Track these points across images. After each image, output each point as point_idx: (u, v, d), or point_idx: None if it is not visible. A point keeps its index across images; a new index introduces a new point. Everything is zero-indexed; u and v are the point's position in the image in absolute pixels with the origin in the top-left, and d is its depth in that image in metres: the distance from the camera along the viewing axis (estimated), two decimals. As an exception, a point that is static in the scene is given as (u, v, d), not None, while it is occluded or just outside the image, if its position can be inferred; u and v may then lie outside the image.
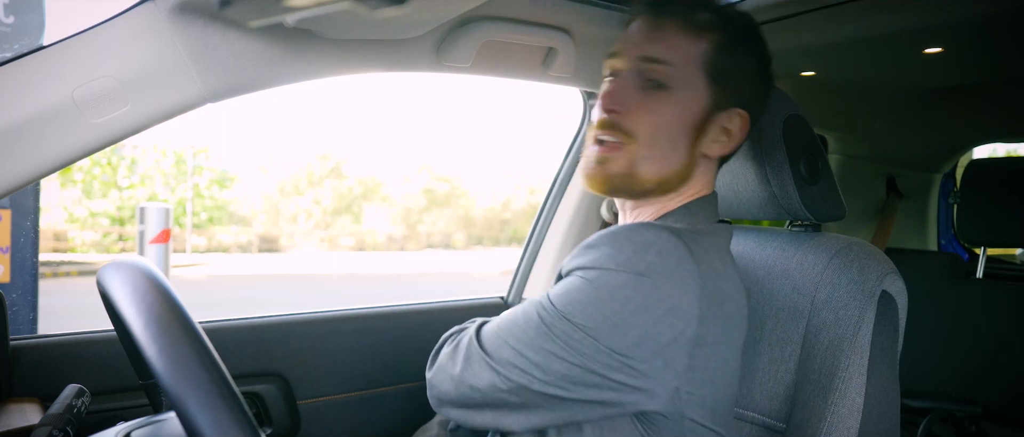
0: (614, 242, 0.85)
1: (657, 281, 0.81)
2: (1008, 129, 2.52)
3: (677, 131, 0.94)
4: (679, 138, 0.94)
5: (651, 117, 0.92)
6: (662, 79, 0.92)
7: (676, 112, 0.93)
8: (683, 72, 0.93)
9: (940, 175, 2.77)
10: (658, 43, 0.93)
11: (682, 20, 0.94)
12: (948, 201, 2.78)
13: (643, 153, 0.92)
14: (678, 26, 0.94)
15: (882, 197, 2.64)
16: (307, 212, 20.35)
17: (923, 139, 2.50)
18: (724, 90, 0.95)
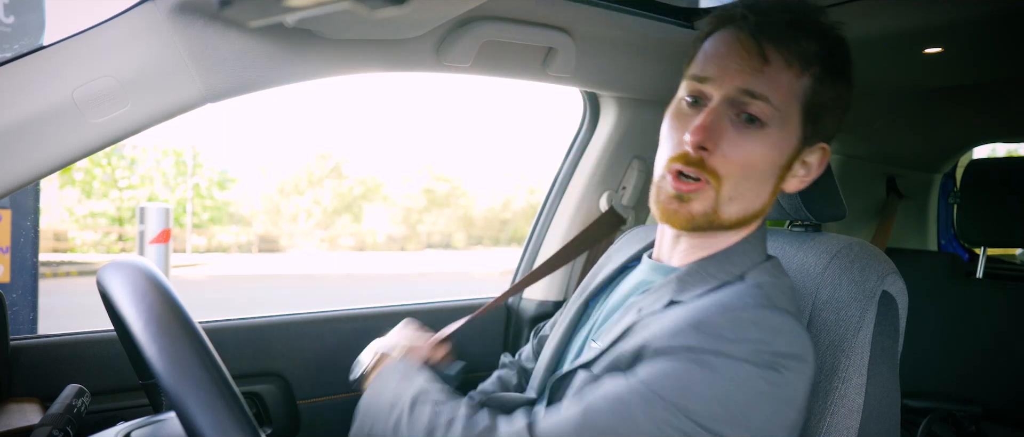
0: (737, 325, 0.77)
1: (786, 376, 0.76)
2: (1008, 129, 2.52)
3: (767, 172, 0.87)
4: (767, 179, 0.87)
5: (744, 157, 0.84)
6: (760, 116, 0.83)
7: (769, 153, 0.85)
8: (783, 110, 0.84)
9: (940, 175, 2.77)
10: (761, 76, 0.82)
11: (790, 50, 0.83)
12: (948, 201, 2.78)
13: (729, 194, 0.85)
14: (785, 57, 0.83)
15: (882, 197, 2.64)
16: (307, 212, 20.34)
17: (923, 139, 2.50)
18: (815, 126, 0.88)
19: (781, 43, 0.83)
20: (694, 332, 0.77)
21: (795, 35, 0.83)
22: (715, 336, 0.76)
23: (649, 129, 1.72)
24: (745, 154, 0.83)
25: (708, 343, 0.76)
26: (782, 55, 0.82)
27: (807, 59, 0.83)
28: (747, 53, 0.83)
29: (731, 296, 0.83)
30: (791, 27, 0.83)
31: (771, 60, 0.82)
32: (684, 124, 0.85)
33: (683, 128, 0.85)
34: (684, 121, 0.86)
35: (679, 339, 0.77)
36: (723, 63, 0.84)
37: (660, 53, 1.47)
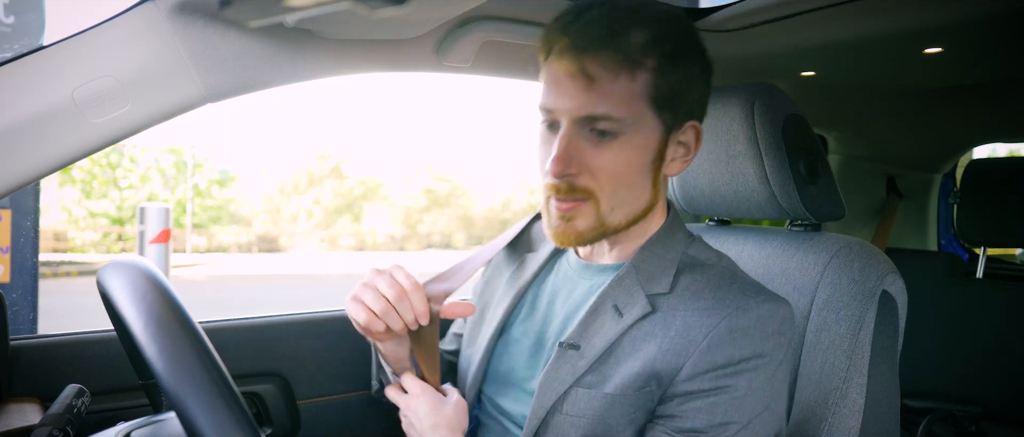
0: (763, 327, 0.85)
1: (791, 356, 0.92)
2: (1008, 129, 2.52)
3: (637, 172, 0.88)
4: (641, 177, 0.89)
5: (608, 169, 0.86)
6: (608, 130, 0.84)
7: (632, 157, 0.86)
8: (630, 115, 0.84)
9: (940, 175, 2.76)
10: (593, 94, 0.83)
11: (613, 58, 0.82)
12: (948, 201, 2.78)
13: (608, 205, 0.88)
14: (609, 67, 0.82)
15: (882, 197, 2.64)
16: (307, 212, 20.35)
17: (923, 139, 2.50)
18: (673, 112, 0.88)
19: (601, 55, 0.82)
20: (736, 341, 0.83)
21: (613, 40, 0.82)
22: (749, 343, 0.83)
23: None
24: (609, 166, 0.85)
25: (747, 350, 0.83)
26: (605, 67, 0.82)
27: (634, 59, 0.83)
28: (573, 76, 0.83)
29: (732, 297, 0.86)
30: (609, 33, 0.82)
31: (596, 77, 0.82)
32: (547, 150, 0.88)
33: (547, 151, 0.88)
34: (546, 147, 0.88)
35: (717, 356, 0.83)
36: (558, 92, 0.85)
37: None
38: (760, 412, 0.84)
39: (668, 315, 0.87)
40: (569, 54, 0.83)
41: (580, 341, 0.90)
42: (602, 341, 0.88)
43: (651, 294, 0.90)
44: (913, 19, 1.31)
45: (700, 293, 0.88)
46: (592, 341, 0.89)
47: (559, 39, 0.85)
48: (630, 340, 0.88)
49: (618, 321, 0.89)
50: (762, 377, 0.84)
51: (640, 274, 0.92)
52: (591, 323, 0.91)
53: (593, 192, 0.86)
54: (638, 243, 0.95)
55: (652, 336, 0.86)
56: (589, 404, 0.87)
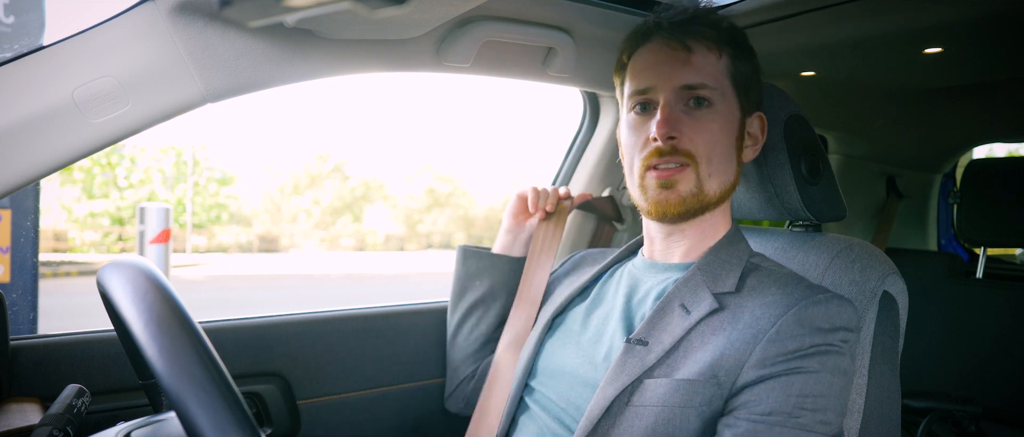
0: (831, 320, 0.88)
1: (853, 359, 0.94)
2: (1008, 129, 2.52)
3: (728, 144, 0.98)
4: (730, 150, 0.99)
5: (706, 135, 0.95)
6: (706, 96, 0.96)
7: (724, 126, 0.97)
8: (720, 87, 0.97)
9: (940, 175, 2.76)
10: (691, 66, 0.96)
11: (706, 37, 0.97)
12: (948, 201, 2.78)
13: (706, 171, 0.96)
14: (704, 44, 0.97)
15: (882, 197, 2.64)
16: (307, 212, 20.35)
17: (923, 139, 2.50)
18: (747, 97, 1.01)
19: (696, 35, 0.97)
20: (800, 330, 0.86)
21: (703, 28, 0.97)
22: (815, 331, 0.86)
23: (649, 129, 1.72)
24: (706, 133, 0.95)
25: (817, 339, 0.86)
26: (701, 43, 0.97)
27: (719, 43, 0.98)
28: (673, 52, 0.97)
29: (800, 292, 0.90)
30: (697, 22, 0.98)
31: (694, 49, 0.96)
32: (643, 129, 0.98)
33: (644, 132, 0.98)
34: (642, 127, 0.98)
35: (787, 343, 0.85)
36: (658, 70, 0.97)
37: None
38: (834, 394, 0.85)
39: (736, 311, 0.91)
40: (666, 34, 0.98)
41: (648, 337, 0.93)
42: (670, 337, 0.91)
43: (718, 293, 0.94)
44: (913, 19, 1.31)
45: (767, 290, 0.92)
46: (660, 337, 0.92)
47: (652, 28, 0.99)
48: (698, 335, 0.91)
49: (685, 318, 0.92)
50: (832, 362, 0.86)
51: (706, 275, 0.96)
52: (658, 321, 0.94)
53: (694, 155, 0.95)
54: (706, 245, 1.02)
55: (720, 330, 0.90)
56: (656, 393, 0.88)
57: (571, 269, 1.25)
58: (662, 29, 0.98)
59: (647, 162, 0.96)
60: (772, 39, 1.42)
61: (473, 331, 1.32)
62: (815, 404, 0.83)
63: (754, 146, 1.04)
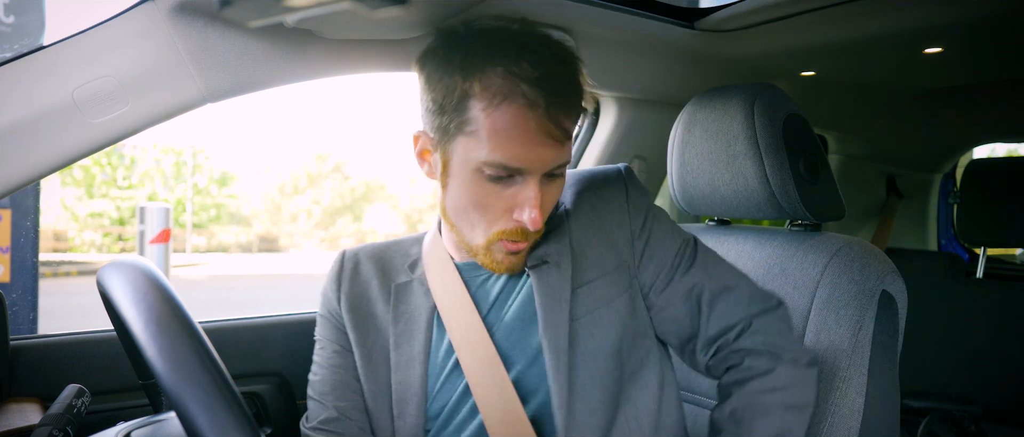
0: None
1: None
2: (1008, 129, 2.52)
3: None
4: None
5: (553, 201, 0.94)
6: (562, 172, 0.93)
7: (562, 183, 0.96)
8: None
9: (940, 175, 2.76)
10: (564, 148, 0.89)
11: (578, 107, 0.91)
12: (948, 201, 2.78)
13: (542, 229, 0.96)
14: (575, 117, 0.91)
15: (882, 197, 2.64)
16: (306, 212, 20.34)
17: (923, 139, 2.50)
18: None
19: (572, 112, 0.89)
20: None
21: (579, 94, 0.90)
22: None
23: (649, 129, 1.72)
24: (552, 199, 0.94)
25: None
26: (573, 120, 0.90)
27: (582, 107, 0.92)
28: (550, 136, 0.86)
29: None
30: (576, 88, 0.89)
31: (569, 131, 0.89)
32: (501, 196, 0.89)
33: (502, 200, 0.89)
34: (499, 194, 0.89)
35: None
36: (532, 151, 0.86)
37: (660, 53, 1.47)
38: None
39: None
40: (541, 111, 0.84)
41: (547, 257, 0.98)
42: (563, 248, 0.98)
43: None
44: (913, 19, 1.31)
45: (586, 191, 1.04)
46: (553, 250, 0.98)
47: (520, 89, 0.84)
48: (577, 240, 1.00)
49: (560, 220, 1.01)
50: None
51: None
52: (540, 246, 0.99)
53: (543, 227, 0.96)
54: None
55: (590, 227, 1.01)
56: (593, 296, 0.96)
57: (366, 295, 1.06)
58: (540, 105, 0.84)
59: (502, 235, 0.91)
60: (772, 39, 1.42)
61: None
62: None
63: None
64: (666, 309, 0.98)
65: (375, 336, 1.01)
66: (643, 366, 0.97)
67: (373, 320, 1.02)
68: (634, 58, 1.47)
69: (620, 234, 1.00)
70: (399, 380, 0.97)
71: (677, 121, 1.26)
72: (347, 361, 1.02)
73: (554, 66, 0.86)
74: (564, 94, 0.86)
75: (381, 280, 1.04)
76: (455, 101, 0.87)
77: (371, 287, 1.04)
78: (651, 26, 1.34)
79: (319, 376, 1.03)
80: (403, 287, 1.03)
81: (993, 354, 2.05)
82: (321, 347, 1.05)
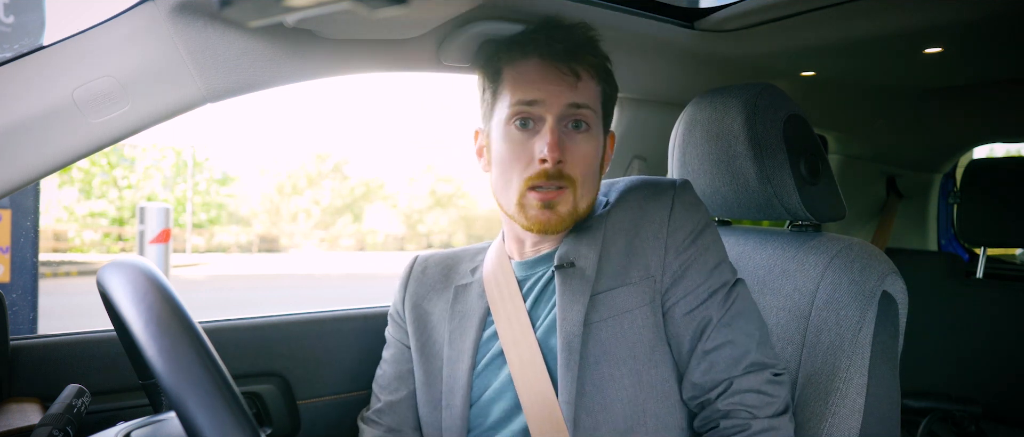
0: None
1: None
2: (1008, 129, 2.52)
3: (596, 165, 1.05)
4: (597, 170, 1.06)
5: (583, 159, 1.01)
6: (585, 120, 1.02)
7: (595, 150, 1.04)
8: (596, 112, 1.04)
9: (940, 175, 2.76)
10: (577, 89, 1.01)
11: (590, 65, 1.03)
12: (948, 201, 2.78)
13: (581, 192, 1.02)
14: (588, 71, 1.03)
15: (882, 197, 2.64)
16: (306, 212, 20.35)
17: (923, 139, 2.50)
18: (606, 120, 1.08)
19: (583, 61, 1.02)
20: None
21: (587, 55, 1.03)
22: None
23: (649, 129, 1.72)
24: (584, 156, 1.01)
25: None
26: (586, 70, 1.02)
27: (598, 70, 1.05)
28: (563, 74, 1.00)
29: None
30: (584, 48, 1.03)
31: (581, 76, 1.01)
32: (526, 146, 1.01)
33: (527, 149, 1.01)
34: (524, 144, 1.01)
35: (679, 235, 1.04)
36: (546, 87, 1.00)
37: (660, 53, 1.47)
38: None
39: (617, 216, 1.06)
40: (559, 55, 1.01)
41: (574, 259, 1.02)
42: (592, 253, 1.02)
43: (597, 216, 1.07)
44: (913, 19, 1.31)
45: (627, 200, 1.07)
46: (582, 253, 1.03)
47: (540, 43, 1.02)
48: (608, 245, 1.03)
49: (591, 237, 1.04)
50: None
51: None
52: (572, 246, 1.04)
53: (573, 179, 1.00)
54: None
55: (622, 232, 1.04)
56: (613, 303, 0.99)
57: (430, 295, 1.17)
58: (554, 48, 1.01)
59: (530, 182, 1.00)
60: (772, 39, 1.42)
61: None
62: None
63: (606, 161, 1.11)
64: (675, 332, 1.00)
65: (432, 332, 1.12)
66: (663, 379, 0.99)
67: (432, 318, 1.13)
68: (634, 58, 1.47)
69: (653, 247, 1.02)
70: (449, 373, 1.07)
71: (678, 121, 1.26)
72: (405, 357, 1.15)
73: (569, 30, 1.03)
74: (577, 43, 1.01)
75: (444, 282, 1.16)
76: (493, 76, 1.06)
77: (434, 289, 1.16)
78: (651, 26, 1.34)
79: (382, 370, 1.19)
80: (462, 289, 1.13)
81: (993, 354, 2.04)
82: (387, 345, 1.20)
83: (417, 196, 21.26)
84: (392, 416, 1.14)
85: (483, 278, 1.11)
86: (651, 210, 1.04)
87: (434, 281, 1.17)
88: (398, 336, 1.18)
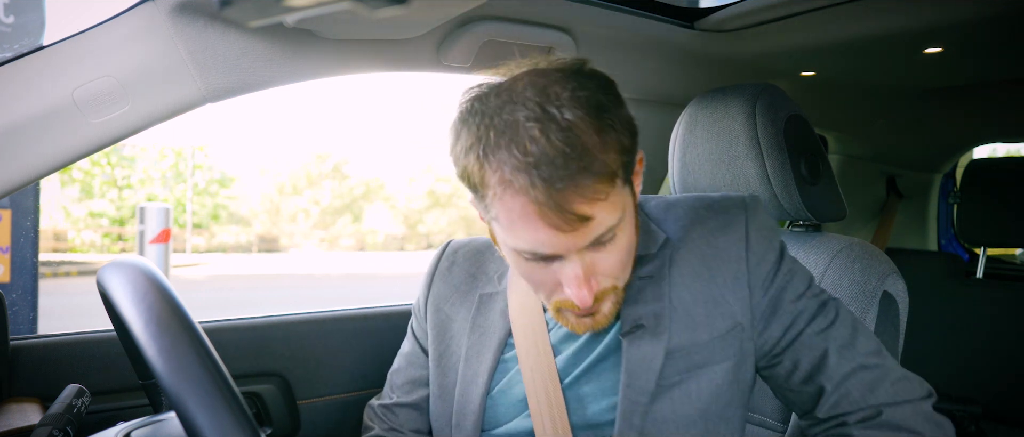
0: None
1: None
2: (1008, 129, 2.52)
3: (632, 239, 0.84)
4: (633, 237, 0.85)
5: (617, 263, 0.82)
6: (614, 233, 0.79)
7: (629, 236, 0.83)
8: (622, 211, 0.79)
9: (940, 175, 2.76)
10: (595, 224, 0.75)
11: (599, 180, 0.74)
12: (948, 201, 2.78)
13: (623, 282, 0.85)
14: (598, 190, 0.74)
15: (882, 197, 2.64)
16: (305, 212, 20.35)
17: (923, 139, 2.50)
18: (631, 168, 0.81)
19: (580, 194, 0.73)
20: None
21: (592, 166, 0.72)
22: None
23: (650, 129, 1.72)
24: (618, 259, 0.81)
25: None
26: (598, 199, 0.74)
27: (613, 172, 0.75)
28: (570, 224, 0.73)
29: None
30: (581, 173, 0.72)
31: (594, 208, 0.74)
32: (546, 274, 0.81)
33: (548, 278, 0.81)
34: (543, 271, 0.81)
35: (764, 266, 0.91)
36: (550, 238, 0.75)
37: (660, 53, 1.47)
38: None
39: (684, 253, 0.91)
40: (550, 206, 0.72)
41: (641, 321, 0.87)
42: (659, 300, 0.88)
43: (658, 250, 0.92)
44: (913, 19, 1.31)
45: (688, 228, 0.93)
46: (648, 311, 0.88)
47: (521, 184, 0.72)
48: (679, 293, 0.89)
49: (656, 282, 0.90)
50: None
51: None
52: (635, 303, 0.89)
53: (613, 286, 0.83)
54: None
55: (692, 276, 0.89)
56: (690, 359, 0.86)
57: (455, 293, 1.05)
58: (549, 203, 0.72)
59: (562, 305, 0.83)
60: (772, 39, 1.42)
61: None
62: None
63: (637, 185, 0.87)
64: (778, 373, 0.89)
65: (450, 342, 1.01)
66: (730, 431, 0.88)
67: (453, 325, 1.02)
68: (634, 58, 1.47)
69: (735, 290, 0.88)
70: (462, 392, 0.96)
71: (678, 121, 1.26)
72: (422, 361, 1.07)
73: (559, 142, 0.71)
74: (567, 177, 0.71)
75: (469, 285, 1.03)
76: (474, 186, 0.78)
77: (458, 291, 1.04)
78: (651, 26, 1.35)
79: (397, 366, 1.11)
80: (487, 298, 1.00)
81: (993, 354, 2.04)
82: (407, 338, 1.12)
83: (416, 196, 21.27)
84: (399, 417, 1.07)
85: (507, 291, 0.98)
86: (723, 246, 0.90)
87: (459, 282, 1.04)
88: (419, 334, 1.08)
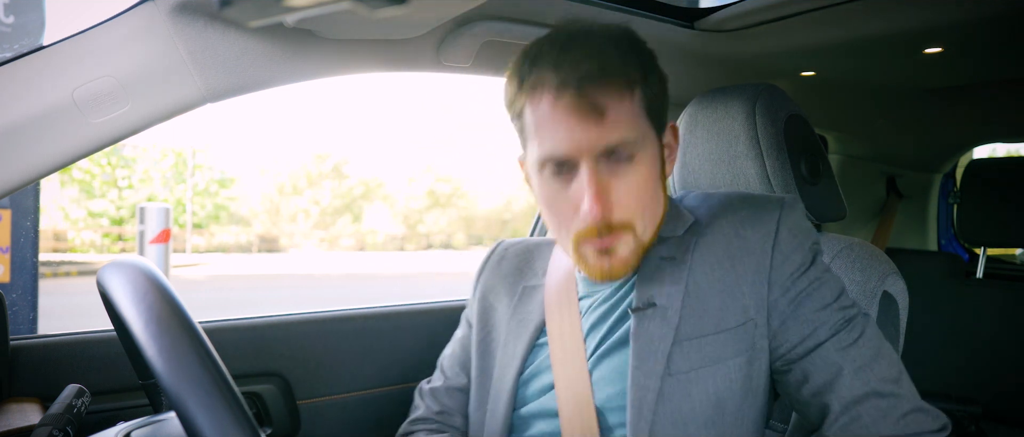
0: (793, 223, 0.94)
1: None
2: (1008, 129, 2.52)
3: (655, 186, 0.90)
4: (657, 189, 0.91)
5: (635, 193, 0.86)
6: (628, 153, 0.85)
7: (649, 172, 0.88)
8: (639, 131, 0.86)
9: (940, 175, 2.76)
10: (608, 126, 0.83)
11: (616, 81, 0.84)
12: (948, 201, 2.78)
13: (641, 226, 0.89)
14: (615, 92, 0.84)
15: (882, 197, 2.64)
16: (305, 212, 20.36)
17: (923, 139, 2.50)
18: (660, 119, 0.91)
19: (604, 84, 0.83)
20: None
21: (611, 66, 0.83)
22: None
23: (649, 129, 1.72)
24: (636, 190, 0.86)
25: None
26: (611, 95, 0.83)
27: (630, 78, 0.85)
28: (583, 113, 0.82)
29: None
30: (604, 61, 0.83)
31: (606, 107, 0.83)
32: (565, 195, 0.87)
33: (568, 197, 0.87)
34: (563, 192, 0.87)
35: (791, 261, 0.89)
36: (570, 135, 0.83)
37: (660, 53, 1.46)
38: None
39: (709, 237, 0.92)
40: (570, 92, 0.82)
41: (654, 299, 0.89)
42: (676, 289, 0.89)
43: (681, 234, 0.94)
44: (913, 19, 1.31)
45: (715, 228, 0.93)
46: (665, 290, 0.90)
47: (550, 79, 0.83)
48: (697, 280, 0.89)
49: (676, 266, 0.91)
50: None
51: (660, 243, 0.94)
52: (651, 282, 0.91)
53: (627, 222, 0.87)
54: None
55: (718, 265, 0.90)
56: (702, 352, 0.86)
57: (502, 285, 1.11)
58: (568, 87, 0.82)
59: (580, 236, 0.87)
60: (772, 39, 1.42)
61: None
62: None
63: (671, 155, 0.96)
64: (789, 381, 0.87)
65: (492, 330, 1.07)
66: (745, 432, 0.87)
67: (496, 314, 1.07)
68: (634, 58, 1.47)
69: (753, 285, 0.87)
70: (499, 376, 1.01)
71: (679, 121, 1.26)
72: (469, 345, 1.11)
73: (583, 49, 0.83)
74: (592, 70, 0.82)
75: (515, 278, 1.09)
76: (517, 111, 0.90)
77: (504, 282, 1.09)
78: (651, 26, 1.34)
79: (448, 351, 1.16)
80: (529, 290, 1.05)
81: (993, 354, 2.04)
82: (460, 326, 1.16)
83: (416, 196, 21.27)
84: (449, 399, 1.10)
85: (546, 284, 1.02)
86: (751, 238, 0.89)
87: (507, 274, 1.09)
88: (469, 320, 1.13)
